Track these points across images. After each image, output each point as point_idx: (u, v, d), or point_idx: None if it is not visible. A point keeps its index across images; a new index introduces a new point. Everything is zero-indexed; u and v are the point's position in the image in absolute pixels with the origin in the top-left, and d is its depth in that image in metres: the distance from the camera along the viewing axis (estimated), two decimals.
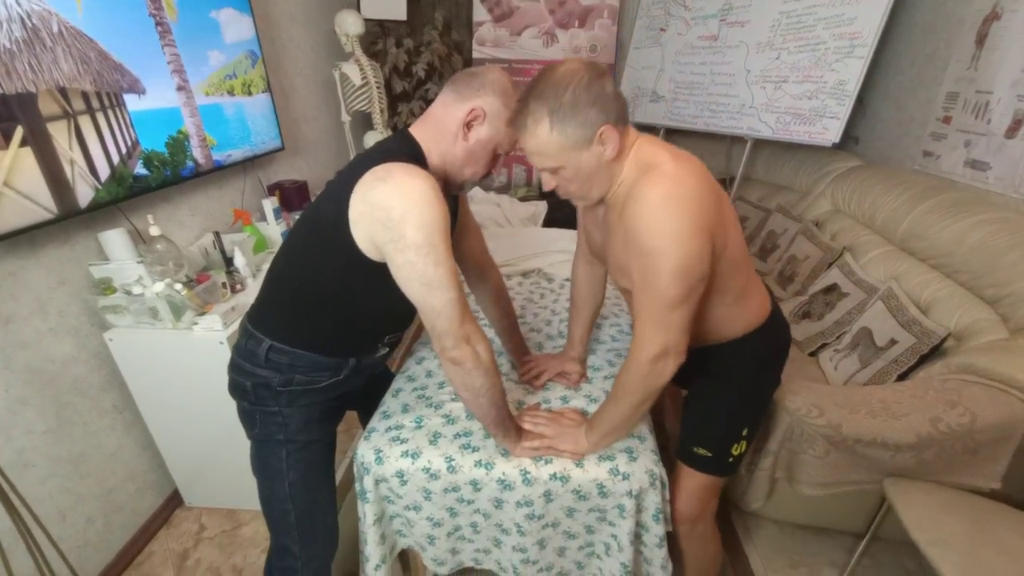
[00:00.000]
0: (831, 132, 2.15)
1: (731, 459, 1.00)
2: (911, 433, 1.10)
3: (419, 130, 0.88)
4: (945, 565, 0.96)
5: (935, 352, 1.34)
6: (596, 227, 1.00)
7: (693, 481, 1.02)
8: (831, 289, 1.81)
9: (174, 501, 1.65)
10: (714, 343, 0.98)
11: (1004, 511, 1.11)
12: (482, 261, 1.19)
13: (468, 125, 0.86)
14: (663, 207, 0.75)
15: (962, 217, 1.55)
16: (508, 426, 0.95)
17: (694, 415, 1.05)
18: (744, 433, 1.00)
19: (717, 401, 1.02)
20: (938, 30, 1.96)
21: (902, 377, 1.36)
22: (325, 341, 0.93)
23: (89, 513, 1.37)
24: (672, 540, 1.04)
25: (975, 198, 1.64)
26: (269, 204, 1.87)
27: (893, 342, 1.44)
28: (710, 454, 1.00)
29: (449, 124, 0.86)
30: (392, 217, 0.74)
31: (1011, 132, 1.62)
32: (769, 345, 1.01)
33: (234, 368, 0.95)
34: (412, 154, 0.85)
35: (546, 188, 0.88)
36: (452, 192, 0.98)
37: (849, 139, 2.43)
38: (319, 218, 0.86)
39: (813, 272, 1.99)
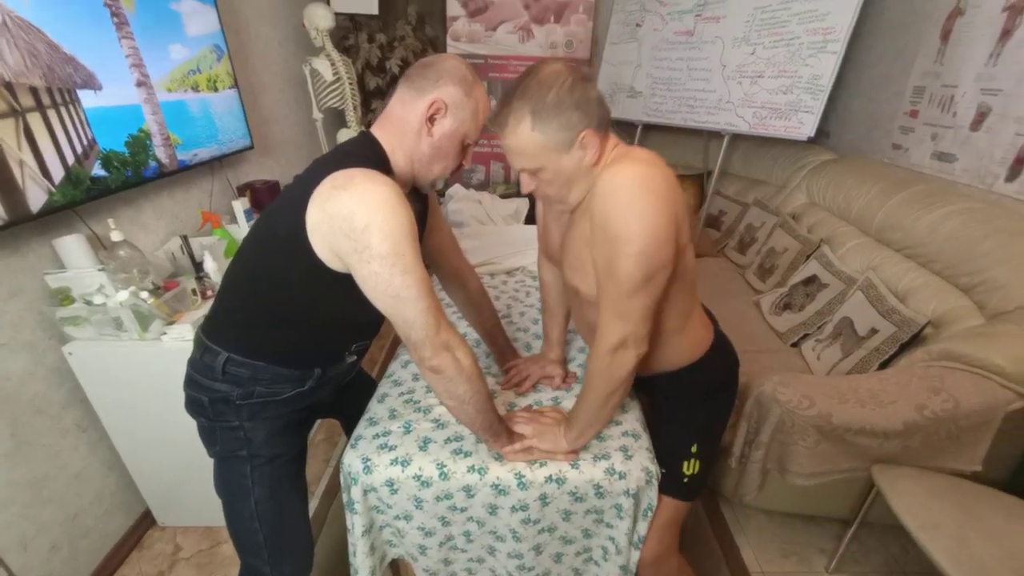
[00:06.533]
0: (806, 126, 2.19)
1: (685, 479, 0.97)
2: (898, 420, 1.12)
3: (381, 131, 0.83)
4: (936, 549, 0.98)
5: (915, 340, 1.37)
6: (556, 223, 0.99)
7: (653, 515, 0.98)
8: (811, 280, 1.84)
9: (146, 522, 1.56)
10: (658, 372, 0.96)
11: (988, 494, 1.14)
12: (457, 265, 1.15)
13: (431, 119, 0.81)
14: (631, 188, 0.73)
15: (934, 208, 1.59)
16: (498, 429, 0.92)
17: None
18: (694, 450, 0.97)
19: (666, 416, 1.01)
20: (906, 26, 2.02)
21: (884, 365, 1.39)
22: (286, 352, 0.87)
23: (53, 540, 1.28)
24: None
25: (944, 189, 1.68)
26: (240, 205, 1.79)
27: (874, 331, 1.47)
28: (663, 470, 0.97)
29: (411, 121, 0.81)
30: (355, 227, 0.69)
31: (975, 125, 1.67)
32: (714, 374, 0.99)
33: (189, 383, 0.89)
34: (374, 157, 0.80)
35: (524, 190, 0.87)
36: (423, 191, 0.94)
37: (821, 133, 2.47)
38: (275, 227, 0.80)
39: (792, 264, 2.02)
